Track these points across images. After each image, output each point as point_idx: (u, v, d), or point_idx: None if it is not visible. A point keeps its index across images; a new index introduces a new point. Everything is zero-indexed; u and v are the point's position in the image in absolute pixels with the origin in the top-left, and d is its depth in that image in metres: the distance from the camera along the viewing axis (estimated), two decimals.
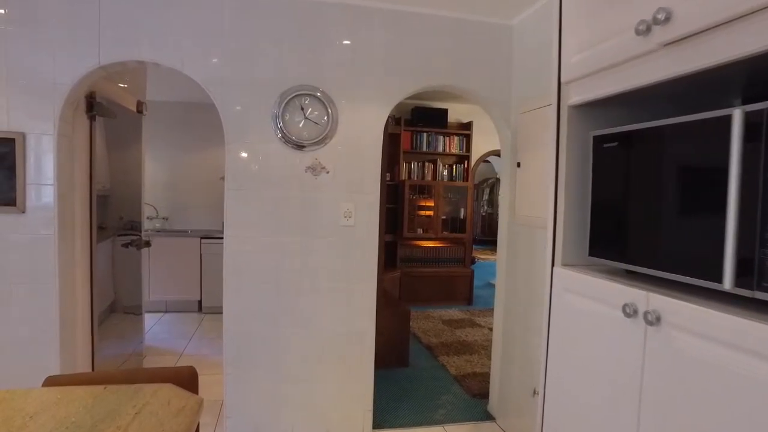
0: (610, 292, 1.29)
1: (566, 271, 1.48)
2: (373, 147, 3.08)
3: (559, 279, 1.51)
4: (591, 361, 1.37)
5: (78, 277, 3.03)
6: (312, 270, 3.04)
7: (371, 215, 3.09)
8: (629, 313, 1.19)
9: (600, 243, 1.42)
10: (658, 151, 1.22)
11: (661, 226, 1.21)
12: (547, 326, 1.57)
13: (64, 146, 2.82)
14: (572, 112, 1.51)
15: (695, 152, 1.13)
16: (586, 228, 1.50)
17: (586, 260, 1.48)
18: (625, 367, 1.24)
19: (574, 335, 1.43)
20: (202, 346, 4.87)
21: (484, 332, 5.58)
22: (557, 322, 1.52)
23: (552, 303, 1.55)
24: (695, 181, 1.13)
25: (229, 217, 2.94)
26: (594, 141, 1.42)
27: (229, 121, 2.90)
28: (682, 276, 1.15)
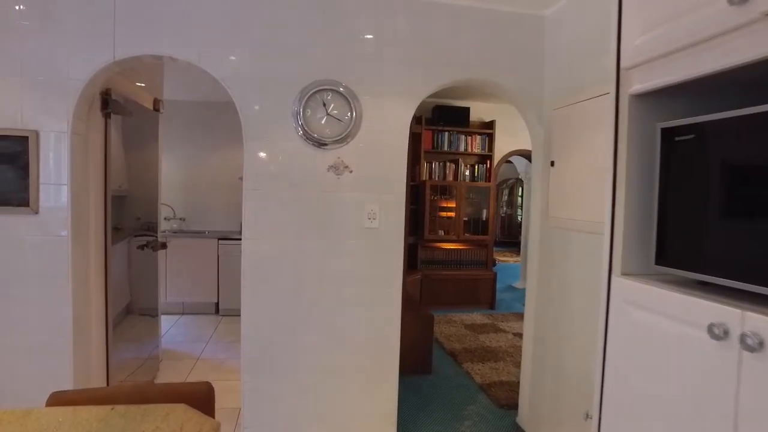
0: (690, 309, 1.10)
1: (628, 282, 1.31)
2: (398, 144, 2.92)
3: (620, 290, 1.34)
4: (662, 388, 1.19)
5: (92, 279, 2.92)
6: (333, 275, 2.89)
7: (396, 217, 2.93)
8: (718, 335, 1.01)
9: (669, 250, 1.25)
10: (749, 144, 1.05)
11: (755, 232, 1.03)
12: (602, 344, 1.39)
13: (79, 145, 2.72)
14: (634, 101, 1.34)
15: None
16: (649, 233, 1.32)
17: (651, 269, 1.30)
18: (711, 399, 1.06)
19: (639, 356, 1.26)
20: (218, 350, 4.76)
21: (508, 338, 5.39)
22: (616, 340, 1.35)
23: (609, 317, 1.37)
24: None
25: (247, 218, 2.80)
26: (662, 134, 1.25)
27: (247, 117, 2.77)
28: None
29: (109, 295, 3.10)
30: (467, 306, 6.69)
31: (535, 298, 3.20)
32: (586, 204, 2.59)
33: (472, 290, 6.75)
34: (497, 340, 5.29)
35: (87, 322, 2.86)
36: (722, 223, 1.12)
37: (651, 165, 1.31)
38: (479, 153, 6.94)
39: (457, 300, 6.66)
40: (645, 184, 1.34)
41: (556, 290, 2.94)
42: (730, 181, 1.11)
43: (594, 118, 2.51)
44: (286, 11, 2.76)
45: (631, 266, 1.35)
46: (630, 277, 1.32)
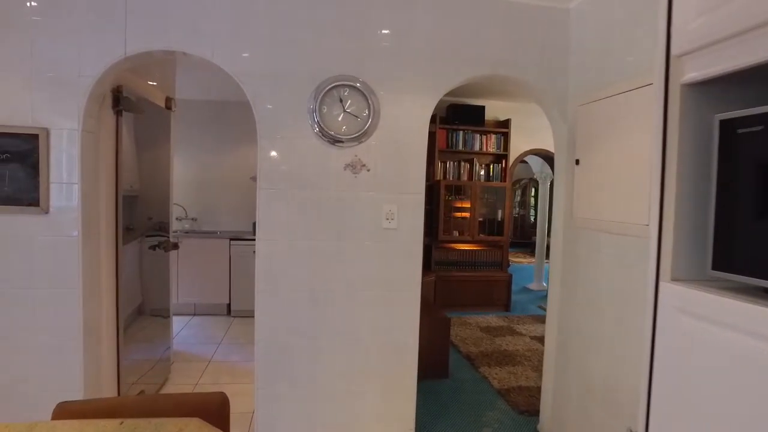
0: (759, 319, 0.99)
1: (680, 288, 1.19)
2: (417, 142, 2.82)
3: (670, 297, 1.22)
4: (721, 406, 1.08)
5: (103, 280, 2.86)
6: (350, 277, 2.79)
7: (415, 217, 2.83)
8: None
9: (729, 254, 1.13)
10: None
11: None
12: (649, 355, 1.28)
13: (90, 143, 2.65)
14: (686, 92, 1.22)
15: None
16: (703, 235, 1.21)
17: (706, 275, 1.19)
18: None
19: (693, 370, 1.14)
20: (231, 352, 4.69)
21: (525, 341, 5.26)
22: (665, 351, 1.23)
23: (657, 326, 1.26)
24: None
25: (261, 219, 2.72)
26: (721, 126, 1.14)
27: (261, 114, 2.68)
28: None
29: (120, 297, 3.03)
30: (482, 308, 6.57)
31: (559, 301, 3.08)
32: (616, 204, 2.47)
33: (487, 292, 6.63)
34: (514, 344, 5.17)
35: (97, 324, 2.79)
36: None
37: (706, 160, 1.19)
38: (494, 152, 6.82)
39: (471, 302, 6.54)
40: (698, 181, 1.22)
41: (581, 293, 2.82)
42: None
43: (626, 112, 2.39)
44: (301, 4, 2.67)
45: (682, 271, 1.23)
46: (682, 283, 1.21)
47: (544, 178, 8.29)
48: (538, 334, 5.50)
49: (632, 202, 2.33)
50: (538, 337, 5.41)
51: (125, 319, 3.15)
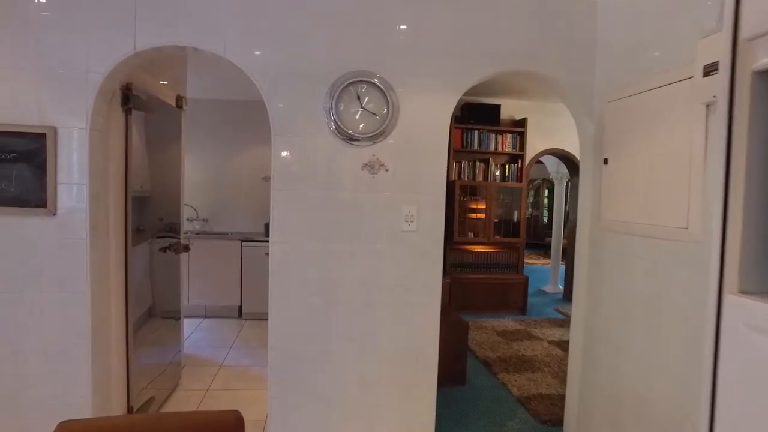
0: None
1: (751, 302, 1.06)
2: (437, 141, 2.70)
3: (737, 311, 1.09)
4: None
5: (112, 283, 2.76)
6: (367, 281, 2.68)
7: (435, 219, 2.71)
8: None
9: None
10: None
11: None
12: (711, 374, 1.15)
13: (98, 142, 2.55)
14: (758, 80, 1.09)
15: None
16: None
17: None
18: None
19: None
20: (242, 356, 4.59)
21: (543, 346, 5.11)
22: (733, 373, 1.10)
23: (721, 344, 1.13)
24: None
25: (275, 220, 2.61)
26: None
27: (275, 111, 2.57)
28: None
29: (129, 300, 2.93)
30: (498, 311, 6.42)
31: (584, 307, 2.94)
32: (650, 205, 2.33)
33: (503, 295, 6.48)
34: (532, 349, 5.02)
35: (106, 329, 2.70)
36: None
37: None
38: (510, 152, 6.67)
39: (487, 305, 6.40)
40: None
41: (609, 299, 2.68)
42: None
43: (662, 108, 2.25)
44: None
45: (751, 283, 1.10)
46: (752, 297, 1.08)
47: (560, 179, 8.13)
48: (556, 339, 5.35)
49: (668, 204, 2.19)
50: (557, 341, 5.26)
51: (135, 322, 3.06)
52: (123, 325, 2.92)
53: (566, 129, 6.85)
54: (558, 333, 5.58)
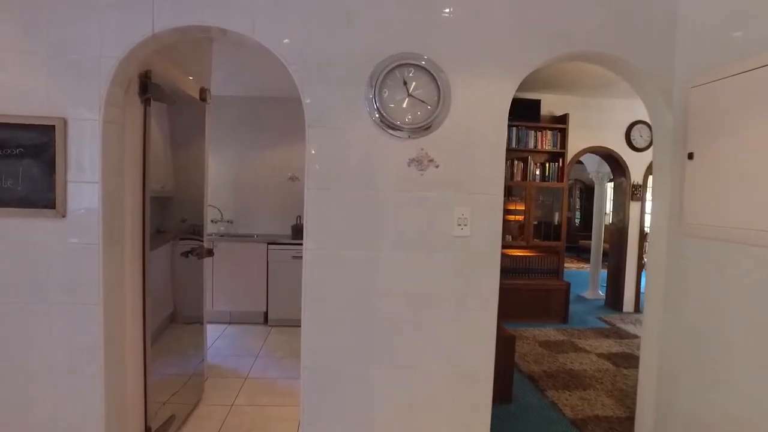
0: None
1: None
2: (494, 132, 2.36)
3: None
4: None
5: (128, 292, 2.49)
6: (414, 294, 2.35)
7: (492, 222, 2.36)
8: None
9: None
10: None
11: None
12: None
13: (113, 135, 2.28)
14: None
15: None
16: None
17: None
18: None
19: None
20: (269, 367, 4.30)
21: (591, 359, 4.71)
22: None
23: None
24: None
25: (309, 224, 2.29)
26: None
27: (310, 99, 2.26)
28: None
29: (147, 309, 2.66)
30: (537, 319, 6.02)
31: (659, 325, 2.55)
32: (756, 207, 1.95)
33: (543, 302, 6.08)
34: (579, 362, 4.62)
35: (121, 342, 2.43)
36: None
37: None
38: (550, 150, 6.27)
39: (526, 312, 6.01)
40: None
41: (694, 317, 2.30)
42: None
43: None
44: None
45: None
46: None
47: (601, 179, 7.67)
48: (604, 351, 4.94)
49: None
50: (606, 354, 4.84)
51: (154, 331, 2.80)
52: (140, 337, 2.64)
53: (610, 125, 6.44)
54: (605, 345, 5.16)
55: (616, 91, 6.03)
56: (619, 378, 4.19)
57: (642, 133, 6.46)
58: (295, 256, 5.44)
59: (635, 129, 6.46)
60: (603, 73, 5.26)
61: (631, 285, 6.70)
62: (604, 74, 5.30)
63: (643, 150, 6.51)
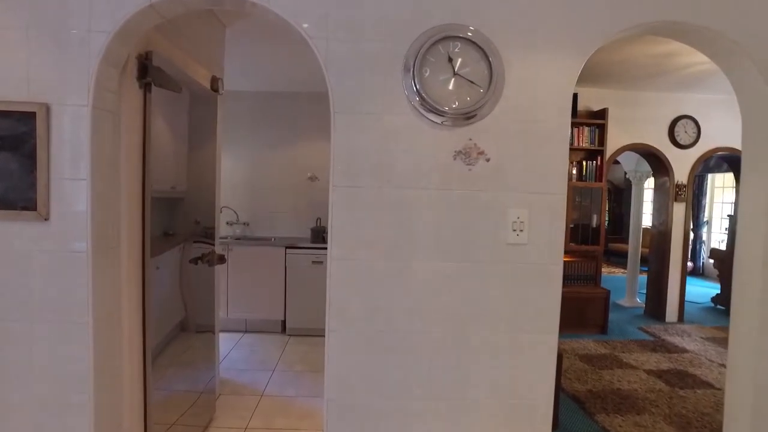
0: None
1: None
2: (556, 120, 1.96)
3: None
4: None
5: (125, 305, 2.15)
6: (460, 313, 1.96)
7: (553, 227, 1.97)
8: None
9: None
10: None
11: None
12: None
13: (105, 125, 1.94)
14: None
15: None
16: None
17: None
18: None
19: None
20: (286, 383, 3.95)
21: (640, 377, 4.26)
22: None
23: None
24: None
25: (335, 229, 1.92)
26: None
27: (336, 80, 1.89)
28: None
29: (148, 323, 2.32)
30: (574, 330, 5.58)
31: (754, 348, 2.13)
32: None
33: (580, 311, 5.64)
34: (627, 380, 4.18)
35: (115, 362, 2.09)
36: None
37: None
38: (588, 147, 5.82)
39: (562, 322, 5.50)
40: None
41: None
42: None
43: None
44: None
45: None
46: None
47: (639, 178, 7.18)
48: (653, 368, 4.48)
49: None
50: (656, 371, 4.39)
51: (159, 343, 2.49)
52: (139, 357, 2.30)
53: (652, 121, 5.98)
54: (653, 360, 4.70)
55: (659, 83, 5.57)
56: (675, 400, 3.74)
57: (687, 128, 5.98)
58: (315, 260, 5.09)
59: (679, 124, 5.98)
60: (646, 63, 4.82)
61: (675, 293, 6.21)
62: (647, 64, 4.86)
63: (687, 147, 6.03)
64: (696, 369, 4.45)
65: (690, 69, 4.93)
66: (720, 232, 9.91)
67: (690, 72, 5.03)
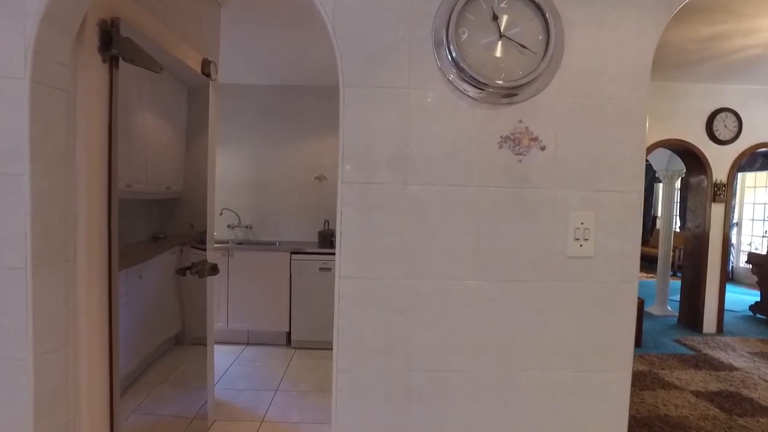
0: None
1: None
2: (630, 96, 1.51)
3: None
4: None
5: (84, 328, 1.73)
6: (505, 345, 1.52)
7: (626, 236, 1.52)
8: None
9: None
10: None
11: None
12: None
13: (52, 105, 1.53)
14: None
15: None
16: None
17: None
18: None
19: None
20: (290, 405, 3.52)
21: (689, 401, 3.77)
22: None
23: None
24: None
25: (345, 237, 1.49)
26: None
27: (347, 43, 1.45)
28: None
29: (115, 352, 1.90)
30: None
31: None
32: None
33: None
34: (674, 403, 3.70)
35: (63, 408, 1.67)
36: None
37: None
38: None
39: None
40: None
41: None
42: None
43: None
44: None
45: None
46: None
47: (671, 177, 6.70)
48: (700, 388, 4.00)
49: None
50: (704, 393, 3.90)
51: (142, 361, 2.14)
52: (105, 392, 1.88)
53: (687, 115, 5.50)
54: (699, 379, 4.21)
55: (695, 74, 5.09)
56: (736, 431, 3.26)
57: (727, 122, 5.48)
58: (323, 267, 4.67)
59: (718, 118, 5.48)
60: (688, 48, 4.34)
61: (713, 301, 5.70)
62: (688, 50, 4.38)
63: (728, 143, 5.53)
64: (751, 391, 3.95)
65: (736, 55, 4.45)
66: (750, 234, 9.37)
67: (735, 59, 4.55)
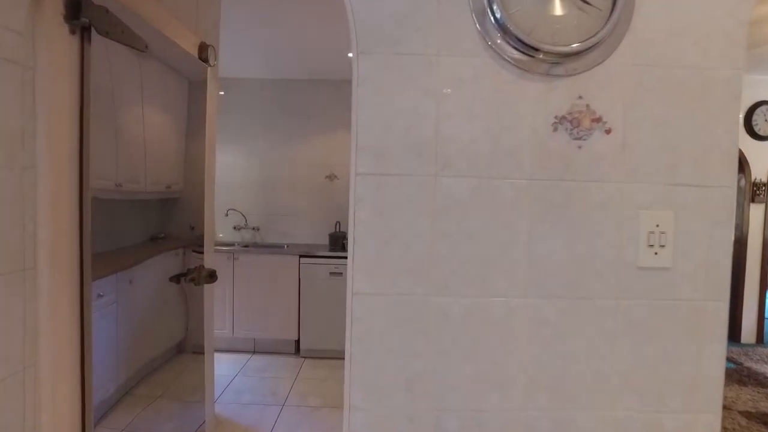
0: None
1: None
2: (720, 67, 1.20)
3: None
4: None
5: (46, 352, 1.45)
6: (562, 378, 1.21)
7: (715, 241, 1.21)
8: None
9: None
10: None
11: None
12: None
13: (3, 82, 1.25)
14: None
15: None
16: None
17: None
18: None
19: None
20: (298, 423, 3.24)
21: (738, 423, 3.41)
22: None
23: None
24: None
25: (360, 243, 1.19)
26: None
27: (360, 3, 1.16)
28: None
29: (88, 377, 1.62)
30: None
31: None
32: None
33: None
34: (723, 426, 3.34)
35: None
36: None
37: None
38: None
39: None
40: None
41: None
42: None
43: None
44: None
45: None
46: None
47: None
48: (749, 408, 3.62)
49: None
50: (755, 414, 3.53)
51: (130, 377, 1.98)
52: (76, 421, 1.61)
53: None
54: (746, 397, 3.85)
55: None
56: None
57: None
58: (334, 272, 4.39)
59: (758, 112, 5.10)
60: None
61: (752, 309, 5.32)
62: None
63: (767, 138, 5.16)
64: None
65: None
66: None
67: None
